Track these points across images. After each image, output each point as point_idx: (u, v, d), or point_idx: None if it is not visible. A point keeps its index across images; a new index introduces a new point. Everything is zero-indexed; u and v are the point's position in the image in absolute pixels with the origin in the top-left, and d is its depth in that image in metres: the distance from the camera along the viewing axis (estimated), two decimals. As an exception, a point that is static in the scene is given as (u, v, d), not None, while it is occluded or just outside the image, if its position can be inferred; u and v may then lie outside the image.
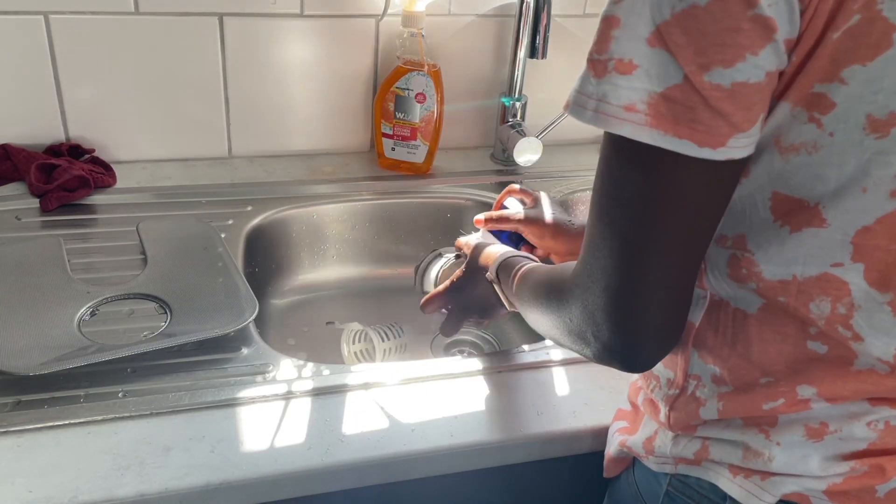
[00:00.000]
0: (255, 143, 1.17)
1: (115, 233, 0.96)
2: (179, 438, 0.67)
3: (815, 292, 0.49)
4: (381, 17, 1.12)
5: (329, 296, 1.11)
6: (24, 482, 0.61)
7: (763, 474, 0.53)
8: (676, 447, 0.59)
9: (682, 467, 0.58)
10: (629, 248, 0.48)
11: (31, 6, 0.99)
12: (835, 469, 0.51)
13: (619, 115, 0.45)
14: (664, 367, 0.60)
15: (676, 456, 0.59)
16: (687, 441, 0.58)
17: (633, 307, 0.49)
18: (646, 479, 0.62)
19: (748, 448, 0.54)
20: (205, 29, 1.06)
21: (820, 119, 0.45)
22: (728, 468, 0.55)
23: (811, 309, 0.50)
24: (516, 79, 1.18)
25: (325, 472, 0.66)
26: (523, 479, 0.77)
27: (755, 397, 0.53)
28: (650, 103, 0.44)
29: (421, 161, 1.16)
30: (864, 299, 0.49)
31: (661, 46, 0.43)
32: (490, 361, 0.80)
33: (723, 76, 0.42)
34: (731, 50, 0.42)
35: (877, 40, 0.42)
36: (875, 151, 0.45)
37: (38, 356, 0.72)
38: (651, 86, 0.44)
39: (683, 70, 0.43)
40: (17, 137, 1.06)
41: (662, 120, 0.43)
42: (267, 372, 0.75)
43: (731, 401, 0.55)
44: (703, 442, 0.57)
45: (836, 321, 0.49)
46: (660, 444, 0.60)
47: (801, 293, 0.49)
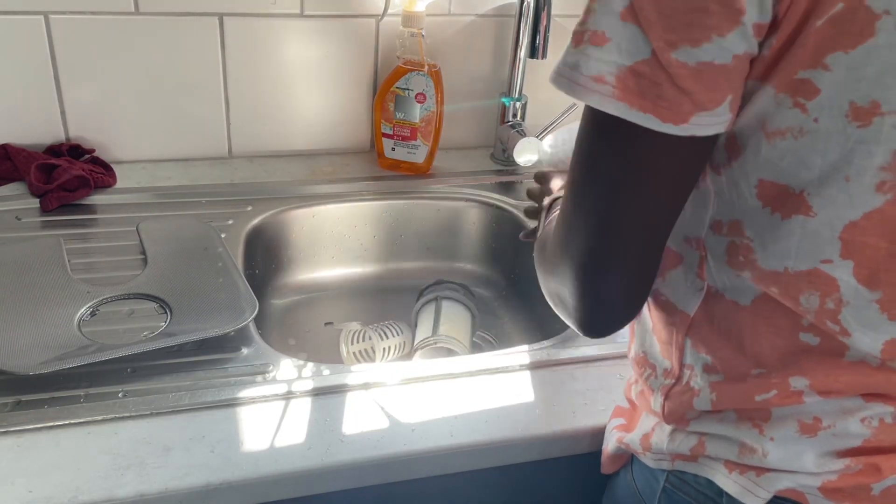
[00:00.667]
0: (255, 143, 1.17)
1: (115, 233, 0.96)
2: (179, 438, 0.67)
3: (804, 286, 0.49)
4: (381, 17, 1.12)
5: (329, 296, 1.11)
6: (24, 482, 0.61)
7: (758, 470, 0.54)
8: (673, 443, 0.59)
9: (678, 463, 0.59)
10: (594, 218, 0.50)
11: (31, 6, 0.99)
12: (829, 466, 0.51)
13: (589, 85, 0.46)
14: (661, 357, 0.60)
15: (673, 452, 0.59)
16: (683, 437, 0.58)
17: (594, 275, 0.51)
18: (643, 476, 0.63)
19: (743, 444, 0.54)
20: (205, 29, 1.06)
21: (805, 104, 0.45)
22: (724, 464, 0.55)
23: (801, 302, 0.50)
24: (516, 79, 1.18)
25: (325, 472, 0.66)
26: (523, 479, 0.78)
27: (747, 388, 0.53)
28: (618, 76, 0.45)
29: (421, 161, 1.16)
30: (853, 296, 0.49)
31: (633, 21, 0.44)
32: (490, 361, 0.80)
33: (689, 55, 0.43)
34: (698, 30, 0.43)
35: (860, 29, 0.42)
36: (857, 140, 0.45)
37: (38, 356, 0.72)
38: (621, 59, 0.45)
39: (652, 45, 0.44)
40: (17, 137, 1.06)
41: (629, 93, 0.45)
42: (267, 372, 0.75)
43: (724, 391, 0.55)
44: (699, 437, 0.57)
45: (825, 316, 0.50)
46: (657, 441, 0.60)
47: (790, 286, 0.50)
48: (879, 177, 0.45)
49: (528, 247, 1.07)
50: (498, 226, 1.13)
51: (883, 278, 0.48)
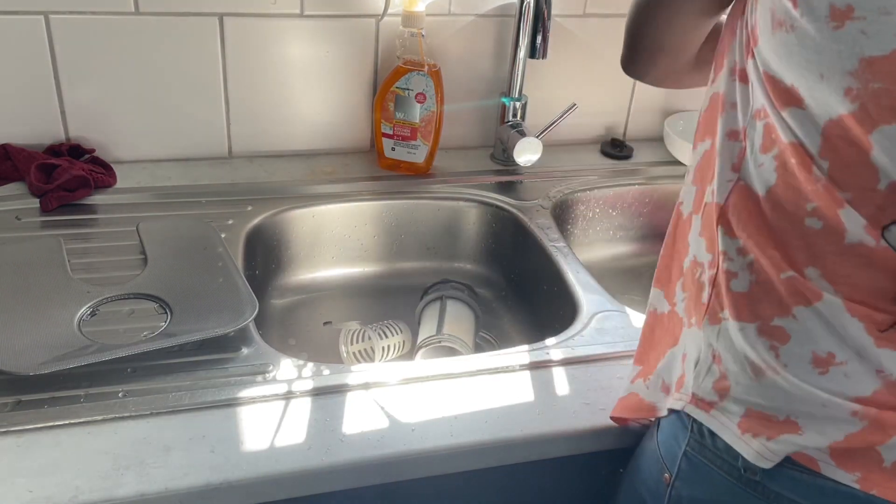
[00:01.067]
0: (255, 143, 1.17)
1: (115, 233, 0.96)
2: (179, 438, 0.67)
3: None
4: (381, 17, 1.12)
5: (329, 296, 1.11)
6: (24, 482, 0.61)
7: (770, 433, 0.55)
8: (698, 379, 0.60)
9: (691, 408, 0.60)
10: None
11: (31, 6, 0.99)
12: (835, 410, 0.53)
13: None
14: (704, 252, 0.62)
15: (695, 394, 0.60)
16: (708, 366, 0.59)
17: (635, 31, 0.68)
18: (667, 442, 0.64)
19: (755, 365, 0.56)
20: (205, 29, 1.06)
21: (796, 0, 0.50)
22: (738, 425, 0.57)
23: (813, 171, 0.53)
24: (516, 79, 1.18)
25: (325, 472, 0.66)
26: (523, 479, 0.78)
27: (774, 266, 0.55)
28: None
29: (421, 161, 1.16)
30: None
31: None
32: (490, 361, 0.80)
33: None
34: None
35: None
36: (831, 40, 0.48)
37: (38, 356, 0.72)
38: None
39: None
40: (17, 137, 1.06)
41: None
42: (267, 372, 0.75)
43: (757, 270, 0.56)
44: (718, 366, 0.59)
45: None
46: (687, 380, 0.62)
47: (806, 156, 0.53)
48: (846, 82, 0.49)
49: (527, 247, 1.07)
50: (498, 226, 1.13)
51: (853, 180, 0.51)
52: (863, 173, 0.50)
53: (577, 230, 1.21)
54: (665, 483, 0.63)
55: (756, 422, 0.56)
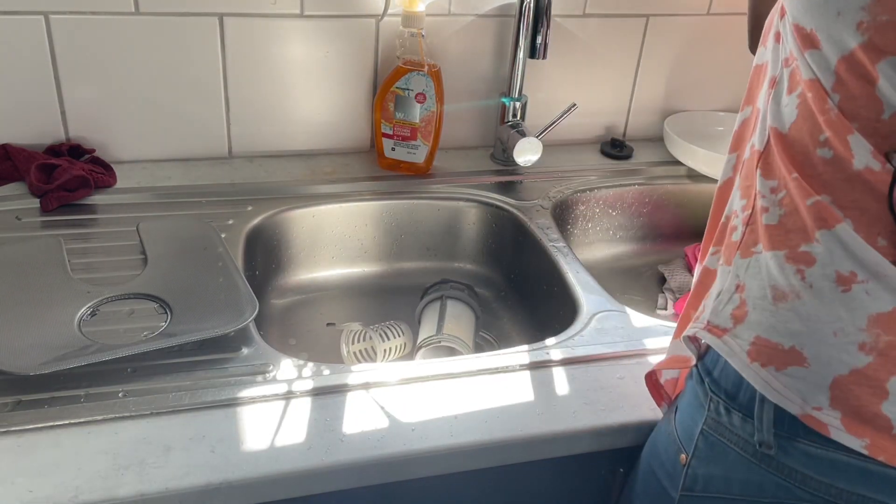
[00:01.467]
0: (255, 143, 1.17)
1: (116, 233, 0.96)
2: (179, 438, 0.67)
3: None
4: (381, 17, 1.12)
5: (329, 296, 1.11)
6: (24, 482, 0.61)
7: (779, 364, 0.56)
8: (719, 305, 0.61)
9: (703, 333, 0.62)
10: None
11: (31, 6, 0.99)
12: (847, 339, 0.54)
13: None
14: (741, 200, 0.63)
15: (710, 321, 0.61)
16: (730, 295, 0.61)
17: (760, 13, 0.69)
18: (684, 422, 0.65)
19: (779, 290, 0.57)
20: (205, 29, 1.06)
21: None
22: (747, 353, 0.58)
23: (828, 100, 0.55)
24: (516, 79, 1.18)
25: (325, 472, 0.66)
26: (523, 479, 0.78)
27: (800, 195, 0.57)
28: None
29: (421, 161, 1.16)
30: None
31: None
32: (490, 361, 0.80)
33: None
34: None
35: None
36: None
37: (38, 356, 0.72)
38: None
39: None
40: (17, 137, 1.06)
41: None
42: (267, 372, 0.75)
43: (786, 203, 0.58)
44: (740, 294, 0.60)
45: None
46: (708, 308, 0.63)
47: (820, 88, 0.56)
48: (859, 16, 0.51)
49: (527, 247, 1.07)
50: (498, 226, 1.13)
51: (858, 112, 0.53)
52: (869, 104, 0.53)
53: (577, 230, 1.21)
54: (682, 464, 0.64)
55: (764, 350, 0.57)
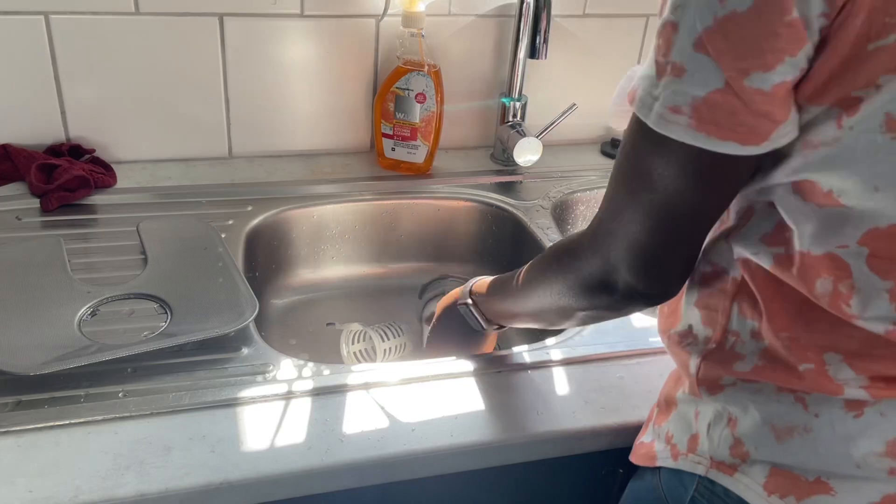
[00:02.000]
0: (255, 143, 1.17)
1: (116, 233, 0.96)
2: (179, 438, 0.67)
3: (822, 270, 0.51)
4: (381, 17, 1.12)
5: (329, 296, 1.11)
6: (24, 482, 0.61)
7: (799, 494, 0.52)
8: (712, 442, 0.58)
9: (713, 472, 0.57)
10: (652, 220, 0.53)
11: (31, 6, 0.99)
12: (874, 466, 0.50)
13: (668, 116, 0.48)
14: (703, 326, 0.60)
15: (713, 454, 0.58)
16: (720, 430, 0.57)
17: (656, 260, 0.55)
18: (671, 481, 0.61)
19: (781, 422, 0.54)
20: (205, 29, 1.06)
21: (843, 118, 0.46)
22: (763, 486, 0.54)
23: (816, 286, 0.51)
24: (516, 79, 1.18)
25: (325, 472, 0.66)
26: (523, 479, 0.78)
27: (790, 355, 0.53)
28: (693, 106, 0.46)
29: (421, 161, 1.16)
30: (864, 283, 0.50)
31: (704, 52, 0.45)
32: (490, 361, 0.80)
33: (762, 80, 0.45)
34: (771, 54, 0.44)
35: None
36: (888, 151, 0.45)
37: (38, 356, 0.72)
38: (695, 90, 0.46)
39: (724, 75, 0.45)
40: (18, 137, 1.06)
41: (705, 123, 0.46)
42: (267, 372, 0.75)
43: (769, 359, 0.55)
44: (732, 427, 0.56)
45: (839, 299, 0.51)
46: (700, 442, 0.60)
47: (810, 268, 0.51)
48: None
49: (527, 247, 1.07)
50: (498, 226, 1.13)
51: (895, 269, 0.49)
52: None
53: (577, 230, 1.21)
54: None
55: (783, 481, 0.53)
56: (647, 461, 0.65)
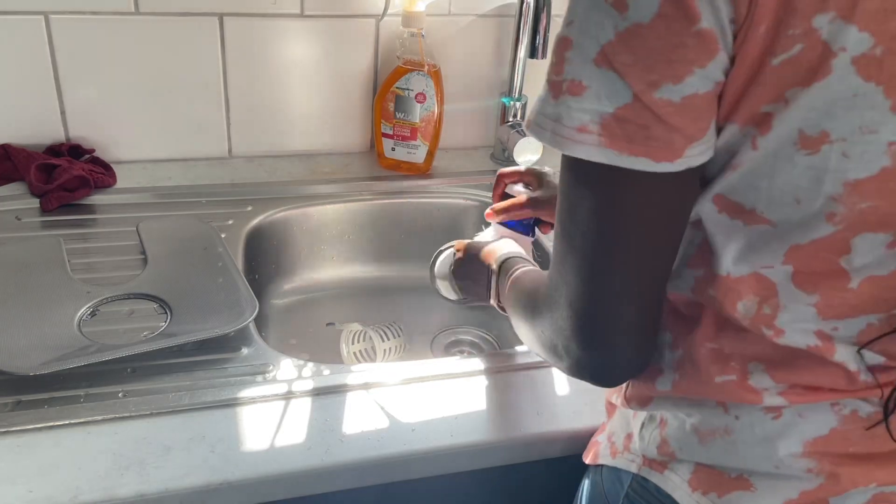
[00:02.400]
0: (255, 143, 1.17)
1: (115, 233, 0.96)
2: (179, 438, 0.67)
3: (744, 291, 0.50)
4: (381, 17, 1.12)
5: (329, 296, 1.11)
6: (24, 482, 0.61)
7: (721, 490, 0.53)
8: (643, 441, 0.59)
9: (645, 470, 0.58)
10: (589, 266, 0.48)
11: (31, 6, 0.99)
12: (792, 467, 0.51)
13: (573, 136, 0.45)
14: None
15: (644, 452, 0.59)
16: (650, 430, 0.58)
17: (599, 323, 0.50)
18: (610, 478, 0.63)
19: (704, 425, 0.54)
20: (205, 29, 1.06)
21: (757, 139, 0.45)
22: (688, 482, 0.55)
23: (738, 308, 0.50)
24: (516, 79, 1.18)
25: (325, 472, 0.66)
26: (523, 480, 0.78)
27: (707, 366, 0.53)
28: (602, 124, 0.44)
29: (421, 161, 1.16)
30: (789, 300, 0.49)
31: (607, 67, 0.43)
32: (490, 361, 0.80)
33: (672, 92, 0.43)
34: (680, 65, 0.42)
35: (817, 65, 0.42)
36: (806, 166, 0.45)
37: (38, 356, 0.72)
38: (602, 106, 0.44)
39: (632, 89, 0.43)
40: (17, 137, 1.06)
41: (616, 139, 0.44)
42: (267, 372, 0.75)
43: (686, 370, 0.55)
44: (661, 425, 0.57)
45: (761, 321, 0.50)
46: (633, 440, 0.61)
47: (730, 290, 0.50)
48: (830, 207, 0.45)
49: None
50: (498, 226, 1.13)
51: (820, 282, 0.48)
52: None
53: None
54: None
55: (706, 477, 0.54)
56: (592, 459, 0.66)
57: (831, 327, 0.50)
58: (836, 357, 0.50)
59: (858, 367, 0.50)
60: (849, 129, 0.43)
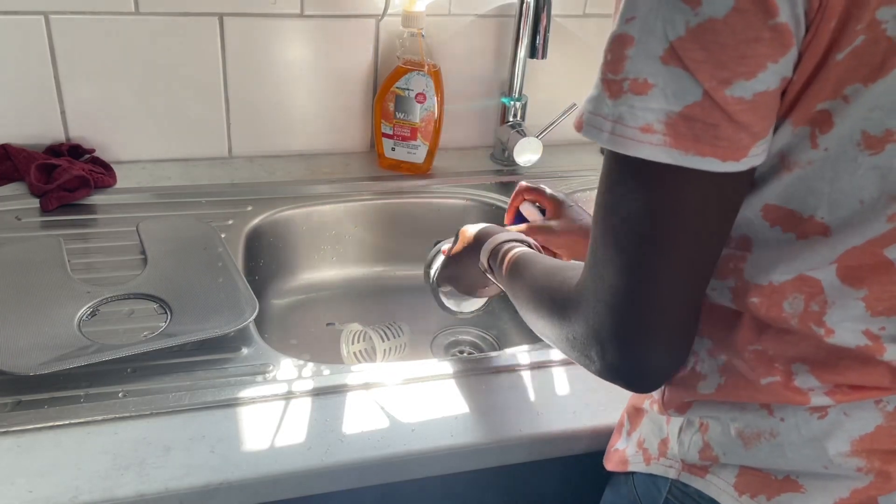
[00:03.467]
0: (255, 143, 1.17)
1: (115, 233, 0.96)
2: (179, 438, 0.67)
3: (788, 292, 0.49)
4: (381, 17, 1.12)
5: (329, 296, 1.11)
6: (24, 482, 0.61)
7: (769, 493, 0.52)
8: (682, 447, 0.58)
9: (685, 476, 0.57)
10: (637, 269, 0.47)
11: (31, 6, 0.99)
12: (841, 466, 0.50)
13: (637, 136, 0.44)
14: None
15: (683, 458, 0.58)
16: (690, 434, 0.57)
17: (642, 326, 0.48)
18: (645, 484, 0.61)
19: (749, 429, 0.53)
20: (205, 29, 1.06)
21: (818, 137, 0.44)
22: (733, 486, 0.54)
23: (784, 308, 0.49)
24: (516, 79, 1.18)
25: (325, 472, 0.66)
26: (523, 480, 0.78)
27: (752, 369, 0.52)
28: (668, 123, 0.43)
29: (421, 161, 1.16)
30: (838, 296, 0.48)
31: (676, 64, 0.42)
32: (490, 361, 0.80)
33: (745, 89, 0.42)
34: (753, 61, 0.41)
35: (881, 61, 0.42)
36: (869, 167, 0.44)
37: (38, 356, 0.72)
38: (668, 105, 0.43)
39: (703, 86, 0.42)
40: (17, 137, 1.06)
41: (682, 139, 0.43)
42: (267, 372, 0.75)
43: (730, 374, 0.54)
44: (702, 429, 0.56)
45: (809, 318, 0.49)
46: (671, 445, 0.59)
47: (774, 293, 0.49)
48: (892, 208, 0.45)
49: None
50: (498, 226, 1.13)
51: (867, 276, 0.47)
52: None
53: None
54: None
55: (752, 480, 0.53)
56: (620, 466, 0.65)
57: (879, 326, 0.48)
58: (885, 356, 0.49)
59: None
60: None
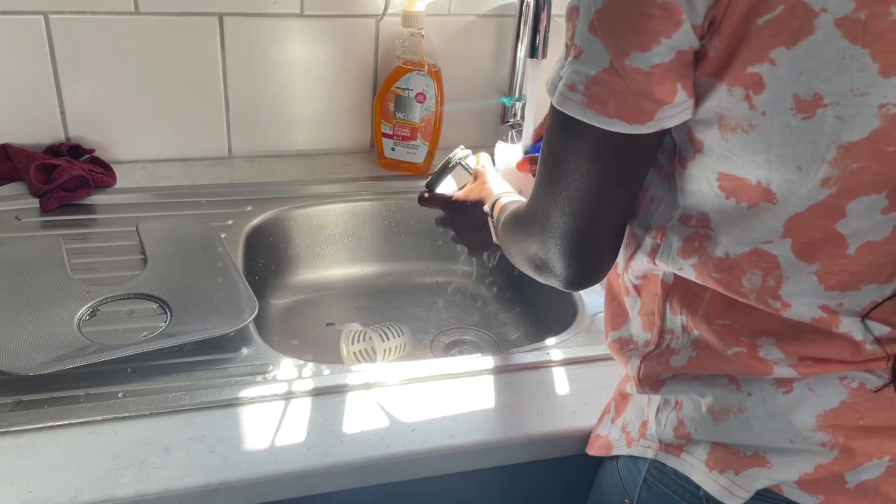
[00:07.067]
0: (255, 143, 1.17)
1: (115, 233, 0.96)
2: (179, 438, 0.67)
3: (746, 266, 0.52)
4: (381, 17, 1.12)
5: (329, 296, 1.11)
6: (24, 482, 0.61)
7: (737, 468, 0.54)
8: (659, 426, 0.60)
9: (661, 455, 0.60)
10: (569, 199, 0.54)
11: (31, 6, 0.99)
12: (805, 441, 0.52)
13: (566, 94, 0.50)
14: (642, 332, 0.63)
15: (660, 437, 0.60)
16: (666, 414, 0.59)
17: (586, 248, 0.57)
18: (626, 466, 0.64)
19: (717, 403, 0.56)
20: (205, 29, 1.06)
21: (752, 98, 0.47)
22: (705, 463, 0.56)
23: (743, 283, 0.52)
24: (516, 79, 1.18)
25: (325, 472, 0.66)
26: (523, 480, 0.78)
27: (719, 340, 0.55)
28: (586, 84, 0.49)
29: (421, 161, 1.16)
30: (792, 270, 0.51)
31: (594, 33, 0.48)
32: (490, 361, 0.80)
33: (641, 60, 0.46)
34: (647, 36, 0.46)
35: (799, 25, 0.44)
36: (802, 132, 0.46)
37: (38, 356, 0.72)
38: (587, 69, 0.49)
39: (609, 55, 0.47)
40: (17, 137, 1.06)
41: (594, 101, 0.49)
42: (267, 372, 0.75)
43: (699, 347, 0.57)
44: (676, 406, 0.59)
45: (766, 293, 0.52)
46: (649, 427, 0.62)
47: (734, 268, 0.52)
48: (827, 171, 0.47)
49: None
50: (498, 226, 1.13)
51: (819, 251, 0.50)
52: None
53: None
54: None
55: (722, 456, 0.55)
56: (603, 451, 0.68)
57: (836, 302, 0.51)
58: (840, 328, 0.51)
59: (864, 337, 0.52)
60: (840, 92, 0.45)
